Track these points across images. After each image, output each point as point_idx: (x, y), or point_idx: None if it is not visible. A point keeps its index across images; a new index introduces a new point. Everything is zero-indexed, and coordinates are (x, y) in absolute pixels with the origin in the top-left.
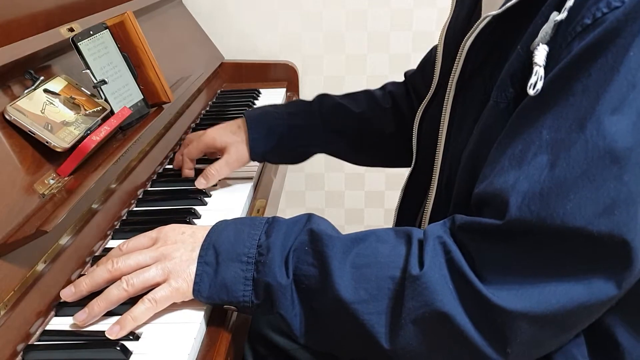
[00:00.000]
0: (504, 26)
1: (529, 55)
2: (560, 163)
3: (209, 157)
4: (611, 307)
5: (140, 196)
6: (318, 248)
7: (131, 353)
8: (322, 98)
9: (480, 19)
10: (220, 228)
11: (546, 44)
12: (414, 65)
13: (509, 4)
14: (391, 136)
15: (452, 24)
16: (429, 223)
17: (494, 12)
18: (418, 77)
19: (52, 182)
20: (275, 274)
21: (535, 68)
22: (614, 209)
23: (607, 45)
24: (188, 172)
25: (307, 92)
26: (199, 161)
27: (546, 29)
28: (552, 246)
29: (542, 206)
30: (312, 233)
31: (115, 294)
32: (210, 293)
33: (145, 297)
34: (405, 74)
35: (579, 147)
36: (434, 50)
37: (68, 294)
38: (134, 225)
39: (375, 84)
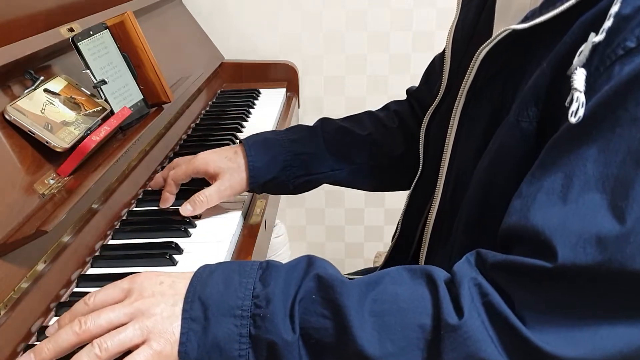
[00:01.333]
0: (524, 39)
1: (556, 74)
2: (618, 204)
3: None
4: None
5: (140, 196)
6: (329, 296)
7: None
8: (324, 123)
9: (499, 32)
10: (204, 277)
11: (583, 66)
12: (414, 65)
13: (537, 20)
14: (401, 157)
15: (459, 26)
16: (432, 235)
17: (518, 27)
18: (423, 90)
19: (52, 182)
20: (279, 329)
21: (576, 94)
22: None
23: None
24: (168, 195)
25: (307, 92)
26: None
27: (584, 51)
28: (608, 290)
29: (599, 250)
30: (319, 279)
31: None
32: (199, 354)
33: None
34: (408, 91)
35: (638, 186)
36: (436, 60)
37: None
38: (134, 225)
39: (375, 84)
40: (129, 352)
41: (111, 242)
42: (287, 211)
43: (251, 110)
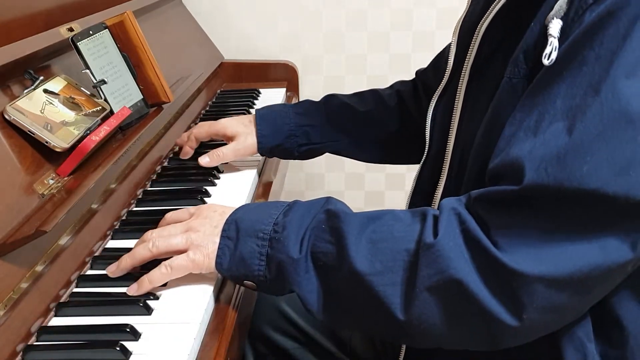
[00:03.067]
0: (520, 8)
1: (543, 30)
2: (577, 126)
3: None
4: (618, 286)
5: (140, 196)
6: (335, 225)
7: (131, 353)
8: (329, 98)
9: (496, 2)
10: (245, 208)
11: (560, 18)
12: (414, 65)
13: None
14: (396, 133)
15: (467, 18)
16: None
17: None
18: (430, 73)
19: (51, 182)
20: (288, 250)
21: (550, 39)
22: (630, 170)
23: (619, 14)
24: (188, 149)
25: (307, 92)
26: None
27: (560, 3)
28: (568, 209)
29: (558, 169)
30: (329, 212)
31: (141, 252)
32: (230, 265)
33: (163, 263)
34: (417, 72)
35: (595, 110)
36: (447, 48)
37: (112, 269)
38: (134, 225)
39: (375, 84)
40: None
41: (111, 242)
42: None
43: (251, 110)
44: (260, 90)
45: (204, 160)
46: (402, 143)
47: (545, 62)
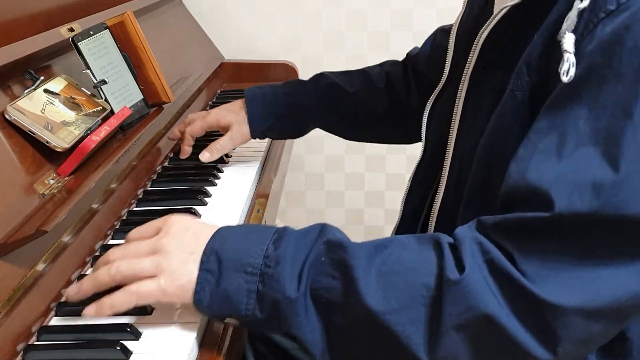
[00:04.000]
0: (520, 18)
1: (547, 43)
2: (612, 153)
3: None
4: None
5: (140, 196)
6: (338, 257)
7: (131, 353)
8: (319, 77)
9: (498, 11)
10: (224, 234)
11: (571, 32)
12: None
13: None
14: (384, 114)
15: (464, 19)
16: (437, 218)
17: (512, 2)
18: (421, 57)
19: (52, 182)
20: (284, 288)
21: (566, 55)
22: None
23: (636, 28)
24: (187, 148)
25: None
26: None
27: (571, 16)
28: (603, 235)
29: (594, 196)
30: (329, 242)
31: (101, 277)
32: (210, 302)
33: (128, 286)
34: (408, 53)
35: (630, 135)
36: (438, 33)
37: (72, 292)
38: (134, 225)
39: None
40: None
41: (111, 242)
42: (287, 211)
43: None
44: None
45: (205, 156)
46: (389, 124)
47: (565, 79)
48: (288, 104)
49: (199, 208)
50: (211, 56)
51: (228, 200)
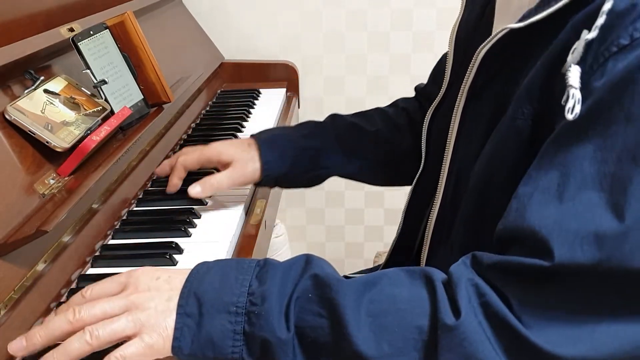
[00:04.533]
0: (522, 39)
1: (551, 73)
2: (617, 202)
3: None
4: None
5: (140, 196)
6: (326, 295)
7: None
8: (334, 118)
9: (498, 31)
10: (201, 272)
11: (577, 64)
12: (414, 65)
13: (532, 19)
14: (410, 152)
15: (462, 24)
16: (434, 230)
17: (514, 26)
18: (430, 88)
19: (52, 182)
20: (273, 327)
21: (572, 91)
22: None
23: None
24: (176, 181)
25: (307, 92)
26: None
27: (578, 48)
28: (606, 288)
29: (597, 247)
30: (316, 278)
31: (76, 347)
32: (192, 349)
33: (112, 353)
34: (416, 89)
35: (636, 182)
36: (444, 58)
37: (18, 348)
38: (134, 225)
39: (375, 84)
40: (118, 345)
41: (111, 242)
42: (287, 211)
43: (251, 110)
44: (261, 90)
45: (195, 190)
46: (415, 163)
47: (569, 116)
48: (307, 147)
49: (198, 208)
50: (211, 56)
51: (228, 200)
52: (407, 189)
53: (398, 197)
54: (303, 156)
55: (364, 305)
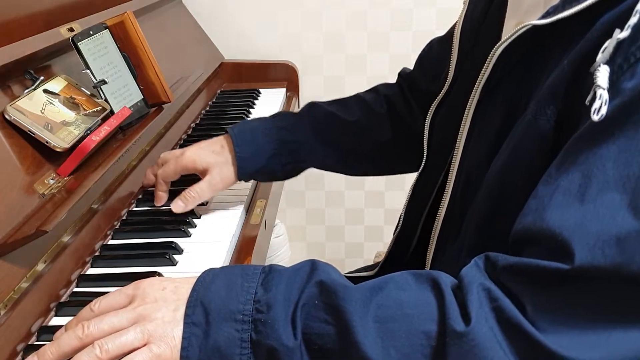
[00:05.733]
0: (543, 37)
1: (578, 71)
2: (638, 204)
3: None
4: None
5: (140, 196)
6: (332, 302)
7: None
8: (312, 108)
9: (519, 27)
10: (207, 281)
11: (606, 63)
12: (413, 65)
13: (559, 15)
14: (389, 143)
15: (467, 17)
16: (440, 231)
17: (539, 22)
18: (417, 74)
19: (52, 182)
20: (280, 335)
21: (599, 91)
22: None
23: None
24: (162, 194)
25: (307, 92)
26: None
27: (608, 47)
28: (624, 292)
29: (618, 251)
30: (322, 284)
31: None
32: (200, 358)
33: None
34: (400, 73)
35: None
36: (434, 44)
37: None
38: (134, 225)
39: (375, 84)
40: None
41: (111, 242)
42: (287, 211)
43: (251, 110)
44: (261, 90)
45: (179, 206)
46: (396, 152)
47: (595, 118)
48: (283, 141)
49: (198, 208)
50: (211, 56)
51: (228, 200)
52: (408, 188)
53: (398, 197)
54: (280, 150)
55: (371, 311)
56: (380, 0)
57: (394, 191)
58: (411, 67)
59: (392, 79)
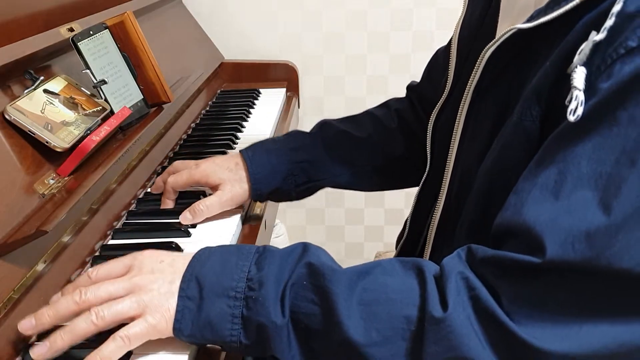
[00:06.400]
0: (529, 39)
1: (559, 73)
2: (610, 202)
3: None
4: None
5: (140, 196)
6: (319, 283)
7: (131, 352)
8: (323, 127)
9: (505, 31)
10: (203, 257)
11: (583, 65)
12: (414, 65)
13: (542, 19)
14: (402, 157)
15: (465, 23)
16: (436, 232)
17: (523, 26)
18: (425, 85)
19: (52, 182)
20: (269, 312)
21: (575, 92)
22: None
23: None
24: (169, 202)
25: (307, 92)
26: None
27: (585, 49)
28: (594, 286)
29: (587, 246)
30: (311, 266)
31: (83, 327)
32: (192, 331)
33: (116, 333)
34: (409, 87)
35: (631, 185)
36: (439, 54)
37: (27, 327)
38: (134, 225)
39: (375, 84)
40: (122, 326)
41: (111, 242)
42: (287, 211)
43: (251, 110)
44: (260, 90)
45: (186, 218)
46: (410, 165)
47: (571, 118)
48: (296, 161)
49: None
50: (211, 56)
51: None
52: (408, 189)
53: (398, 197)
54: (294, 171)
55: (356, 293)
56: (380, 0)
57: (394, 191)
58: (411, 67)
59: (392, 79)
